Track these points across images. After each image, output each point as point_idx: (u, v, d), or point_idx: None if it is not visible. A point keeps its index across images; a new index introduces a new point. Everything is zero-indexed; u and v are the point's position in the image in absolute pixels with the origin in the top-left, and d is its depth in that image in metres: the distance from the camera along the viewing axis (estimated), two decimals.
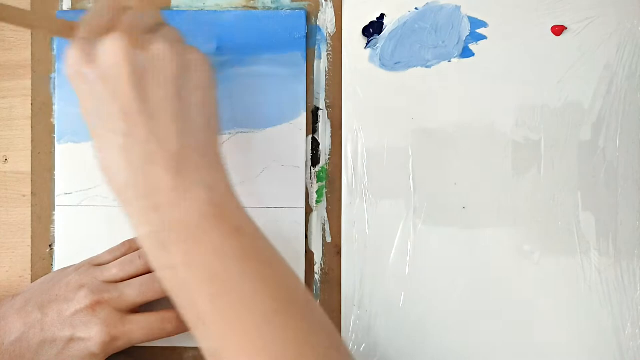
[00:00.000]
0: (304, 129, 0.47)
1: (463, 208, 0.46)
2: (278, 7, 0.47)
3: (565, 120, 0.46)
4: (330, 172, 0.47)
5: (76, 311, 0.41)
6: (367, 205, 0.46)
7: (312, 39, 0.47)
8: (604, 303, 0.45)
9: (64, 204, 0.47)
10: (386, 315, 0.46)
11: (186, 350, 0.47)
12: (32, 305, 0.42)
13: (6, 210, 0.48)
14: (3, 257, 0.48)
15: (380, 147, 0.46)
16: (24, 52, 0.48)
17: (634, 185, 0.46)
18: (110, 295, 0.42)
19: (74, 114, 0.47)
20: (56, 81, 0.47)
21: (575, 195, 0.46)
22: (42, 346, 0.41)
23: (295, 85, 0.47)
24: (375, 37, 0.47)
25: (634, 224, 0.46)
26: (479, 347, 0.46)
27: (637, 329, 0.45)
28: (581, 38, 0.46)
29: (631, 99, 0.46)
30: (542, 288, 0.46)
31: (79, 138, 0.47)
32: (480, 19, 0.46)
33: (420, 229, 0.46)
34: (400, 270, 0.46)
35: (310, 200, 0.47)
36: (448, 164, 0.46)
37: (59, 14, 0.47)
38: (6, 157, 0.48)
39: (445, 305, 0.46)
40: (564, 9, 0.46)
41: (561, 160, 0.46)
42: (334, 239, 0.47)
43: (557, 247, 0.46)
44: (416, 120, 0.46)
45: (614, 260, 0.45)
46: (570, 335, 0.45)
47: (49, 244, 0.48)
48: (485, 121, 0.46)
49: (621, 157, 0.46)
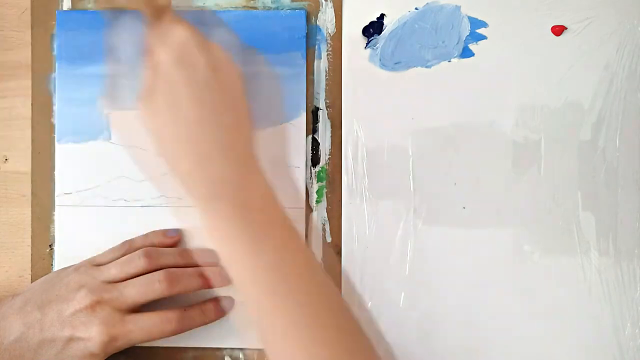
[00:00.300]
0: (304, 129, 0.47)
1: (463, 208, 0.46)
2: (278, 7, 0.47)
3: (565, 120, 0.46)
4: (330, 172, 0.47)
5: (76, 311, 0.41)
6: (367, 205, 0.46)
7: (312, 39, 0.47)
8: (604, 303, 0.45)
9: (64, 204, 0.47)
10: (386, 315, 0.46)
11: (186, 350, 0.47)
12: (32, 305, 0.42)
13: (6, 210, 0.48)
14: (3, 257, 0.48)
15: (380, 147, 0.46)
16: (24, 52, 0.48)
17: (634, 185, 0.46)
18: (110, 295, 0.42)
19: (74, 114, 0.47)
20: (56, 81, 0.47)
21: (575, 195, 0.46)
22: (41, 346, 0.41)
23: (295, 85, 0.47)
24: (375, 37, 0.47)
25: (634, 224, 0.46)
26: (479, 346, 0.46)
27: (637, 329, 0.45)
28: (581, 38, 0.46)
29: (631, 99, 0.46)
30: (542, 288, 0.46)
31: (79, 138, 0.47)
32: (480, 19, 0.46)
33: (420, 229, 0.46)
34: (400, 270, 0.46)
35: (310, 200, 0.47)
36: (448, 164, 0.46)
37: (58, 14, 0.47)
38: (6, 157, 0.48)
39: (445, 305, 0.46)
40: (564, 9, 0.46)
41: (561, 160, 0.46)
42: (334, 239, 0.47)
43: (557, 247, 0.46)
44: (416, 120, 0.46)
45: (614, 260, 0.45)
46: (570, 335, 0.45)
47: (49, 244, 0.48)
48: (485, 121, 0.46)
49: (621, 157, 0.46)
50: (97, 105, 0.47)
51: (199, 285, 0.44)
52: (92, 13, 0.48)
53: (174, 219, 0.47)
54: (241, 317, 0.46)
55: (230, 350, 0.47)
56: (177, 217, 0.47)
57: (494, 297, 0.46)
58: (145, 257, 0.43)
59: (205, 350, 0.47)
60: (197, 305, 0.45)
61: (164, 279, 0.43)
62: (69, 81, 0.47)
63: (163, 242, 0.46)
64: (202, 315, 0.44)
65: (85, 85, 0.47)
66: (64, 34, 0.47)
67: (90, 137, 0.47)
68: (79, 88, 0.47)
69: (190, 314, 0.44)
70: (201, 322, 0.44)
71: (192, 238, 0.47)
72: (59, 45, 0.47)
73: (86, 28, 0.47)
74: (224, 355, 0.47)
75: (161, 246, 0.45)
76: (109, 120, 0.47)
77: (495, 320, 0.46)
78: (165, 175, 0.47)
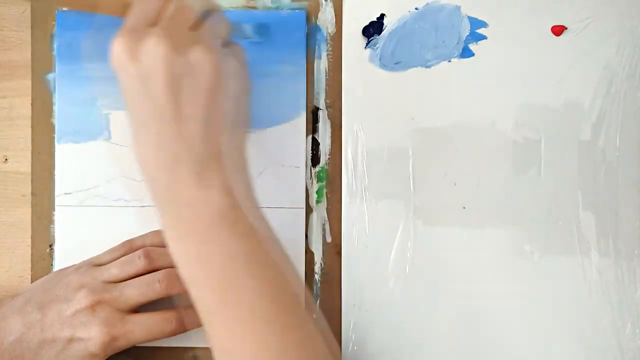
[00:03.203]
0: (304, 129, 0.47)
1: (463, 208, 0.46)
2: (278, 7, 0.47)
3: (565, 120, 0.46)
4: (330, 172, 0.47)
5: (76, 311, 0.41)
6: (367, 205, 0.46)
7: (312, 39, 0.47)
8: (604, 303, 0.45)
9: (64, 204, 0.47)
10: (386, 315, 0.46)
11: (186, 350, 0.47)
12: (32, 306, 0.42)
13: (6, 210, 0.48)
14: (3, 257, 0.48)
15: (380, 147, 0.46)
16: (24, 52, 0.48)
17: (634, 185, 0.46)
18: (110, 295, 0.42)
19: (74, 114, 0.47)
20: (56, 81, 0.47)
21: (575, 195, 0.46)
22: (41, 346, 0.41)
23: (295, 85, 0.47)
24: (375, 37, 0.47)
25: (634, 224, 0.46)
26: (479, 346, 0.46)
27: (637, 329, 0.45)
28: (581, 38, 0.46)
29: (631, 99, 0.46)
30: (542, 288, 0.46)
31: (79, 138, 0.47)
32: (480, 19, 0.46)
33: (420, 229, 0.46)
34: (400, 270, 0.46)
35: (310, 200, 0.47)
36: (448, 164, 0.46)
37: (58, 13, 0.47)
38: (6, 157, 0.48)
39: (445, 305, 0.46)
40: (564, 9, 0.46)
41: (561, 160, 0.46)
42: (334, 239, 0.47)
43: (557, 247, 0.46)
44: (416, 120, 0.46)
45: (614, 260, 0.45)
46: (570, 335, 0.45)
47: (49, 244, 0.48)
48: (485, 121, 0.46)
49: (621, 157, 0.46)
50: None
51: None
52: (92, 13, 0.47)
53: None
54: None
55: None
56: None
57: (494, 297, 0.46)
58: (145, 257, 0.43)
59: (205, 350, 0.47)
60: None
61: (164, 279, 0.43)
62: (69, 81, 0.47)
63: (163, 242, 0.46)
64: None
65: (85, 85, 0.47)
66: (64, 34, 0.47)
67: (90, 137, 0.47)
68: (79, 88, 0.47)
69: (190, 314, 0.43)
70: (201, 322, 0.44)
71: None
72: (59, 45, 0.47)
73: (86, 28, 0.47)
74: None
75: (161, 246, 0.45)
76: (109, 120, 0.47)
77: (495, 320, 0.46)
78: None
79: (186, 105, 0.36)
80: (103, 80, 0.47)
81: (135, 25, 0.37)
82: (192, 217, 0.36)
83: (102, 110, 0.47)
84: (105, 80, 0.47)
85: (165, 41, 0.35)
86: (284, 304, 0.36)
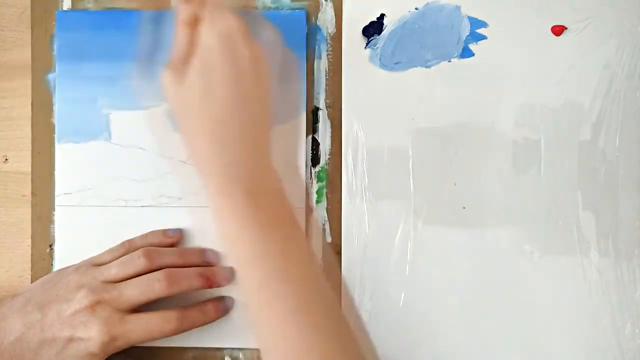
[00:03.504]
0: (304, 129, 0.47)
1: (463, 208, 0.46)
2: (278, 7, 0.47)
3: (565, 120, 0.46)
4: (330, 172, 0.47)
5: (76, 311, 0.41)
6: (367, 205, 0.46)
7: (312, 39, 0.47)
8: (604, 303, 0.45)
9: (64, 204, 0.47)
10: (386, 315, 0.46)
11: (186, 350, 0.47)
12: (32, 306, 0.42)
13: (6, 210, 0.48)
14: (3, 257, 0.48)
15: (380, 147, 0.46)
16: (24, 52, 0.48)
17: (634, 185, 0.46)
18: (109, 295, 0.42)
19: (74, 114, 0.47)
20: (56, 81, 0.47)
21: (575, 195, 0.46)
22: (41, 346, 0.41)
23: (295, 86, 0.47)
24: (375, 37, 0.47)
25: (634, 224, 0.46)
26: (479, 346, 0.46)
27: (637, 328, 0.45)
28: (581, 38, 0.46)
29: (631, 99, 0.46)
30: (542, 288, 0.46)
31: (79, 138, 0.47)
32: (480, 19, 0.46)
33: (420, 229, 0.46)
34: (400, 270, 0.46)
35: (310, 200, 0.47)
36: (448, 164, 0.46)
37: (58, 13, 0.47)
38: (6, 157, 0.48)
39: (445, 305, 0.46)
40: (564, 9, 0.46)
41: (561, 160, 0.46)
42: (334, 239, 0.47)
43: (557, 247, 0.46)
44: (416, 120, 0.46)
45: (614, 260, 0.45)
46: (570, 335, 0.45)
47: (49, 244, 0.48)
48: (485, 121, 0.46)
49: (621, 157, 0.46)
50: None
51: (199, 285, 0.44)
52: (92, 13, 0.48)
53: (174, 218, 0.47)
54: (241, 317, 0.46)
55: (230, 350, 0.47)
56: (176, 217, 0.47)
57: (494, 297, 0.46)
58: (145, 257, 0.43)
59: (205, 350, 0.47)
60: (197, 305, 0.45)
61: (163, 278, 0.43)
62: (69, 81, 0.47)
63: (163, 242, 0.46)
64: (202, 315, 0.44)
65: (85, 85, 0.47)
66: (64, 34, 0.47)
67: (90, 137, 0.47)
68: (79, 88, 0.47)
69: (190, 314, 0.44)
70: (201, 322, 0.44)
71: (192, 238, 0.47)
72: (59, 45, 0.47)
73: (86, 28, 0.47)
74: (224, 355, 0.47)
75: (161, 246, 0.45)
76: (109, 120, 0.47)
77: (495, 320, 0.46)
78: (167, 175, 0.47)
79: (220, 114, 0.38)
80: (103, 80, 0.47)
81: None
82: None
83: (102, 110, 0.47)
84: (105, 80, 0.47)
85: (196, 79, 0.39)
86: (329, 307, 0.38)
